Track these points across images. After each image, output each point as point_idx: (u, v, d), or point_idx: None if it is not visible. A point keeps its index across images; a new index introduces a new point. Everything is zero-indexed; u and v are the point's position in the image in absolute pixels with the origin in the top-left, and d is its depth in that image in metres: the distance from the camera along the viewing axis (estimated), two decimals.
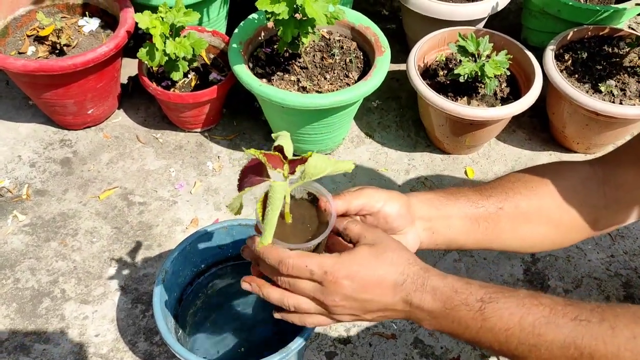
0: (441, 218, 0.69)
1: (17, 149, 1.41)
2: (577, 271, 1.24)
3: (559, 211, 0.72)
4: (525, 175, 0.75)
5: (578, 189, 0.72)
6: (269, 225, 0.56)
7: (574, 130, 1.38)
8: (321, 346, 1.12)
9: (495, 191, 0.72)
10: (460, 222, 0.69)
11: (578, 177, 0.73)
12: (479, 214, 0.70)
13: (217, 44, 1.45)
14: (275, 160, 0.56)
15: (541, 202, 0.71)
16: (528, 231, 0.72)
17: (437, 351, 1.12)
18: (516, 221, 0.71)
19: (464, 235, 0.70)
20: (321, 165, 0.57)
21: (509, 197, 0.71)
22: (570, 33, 1.41)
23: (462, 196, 0.71)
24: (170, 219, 1.30)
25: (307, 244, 0.60)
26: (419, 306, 0.59)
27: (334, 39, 1.39)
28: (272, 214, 0.55)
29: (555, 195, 0.72)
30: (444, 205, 0.70)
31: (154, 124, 1.49)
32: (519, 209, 0.71)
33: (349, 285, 0.58)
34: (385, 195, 0.66)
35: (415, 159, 1.45)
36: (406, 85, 1.61)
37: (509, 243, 0.73)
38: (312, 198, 0.64)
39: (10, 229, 1.26)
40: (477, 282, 0.59)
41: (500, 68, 1.26)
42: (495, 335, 0.57)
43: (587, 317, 0.55)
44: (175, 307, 0.98)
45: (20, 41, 1.36)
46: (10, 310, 1.14)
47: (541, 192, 0.72)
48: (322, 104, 1.19)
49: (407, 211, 0.67)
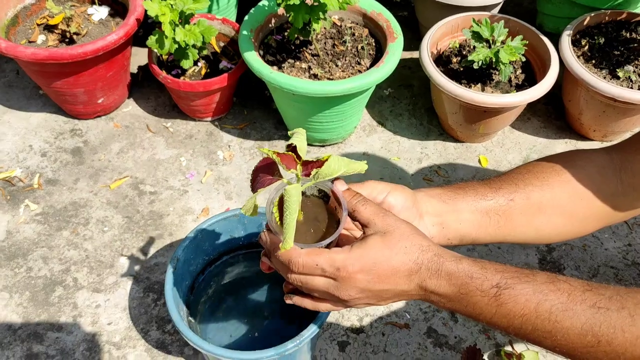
0: (450, 212, 0.67)
1: (29, 139, 1.41)
2: (593, 260, 1.22)
3: (573, 201, 0.70)
4: (536, 166, 0.73)
5: (594, 177, 0.70)
6: (289, 229, 0.55)
7: (591, 117, 1.35)
8: (333, 335, 1.11)
9: (504, 183, 0.71)
10: (471, 215, 0.68)
11: (593, 165, 0.71)
12: (489, 207, 0.68)
13: (227, 32, 1.44)
14: (288, 161, 0.55)
15: (553, 192, 0.70)
16: (542, 222, 0.71)
17: (450, 340, 1.11)
18: (529, 213, 0.70)
19: (475, 229, 0.68)
20: (335, 167, 0.56)
21: (519, 188, 0.70)
22: (587, 18, 1.38)
23: (470, 190, 0.70)
24: (181, 208, 1.29)
25: (318, 244, 0.59)
26: (434, 291, 0.58)
27: (346, 26, 1.37)
28: (291, 218, 0.54)
29: (568, 185, 0.70)
30: (453, 199, 0.68)
31: (164, 113, 1.48)
32: (531, 200, 0.69)
33: (363, 278, 0.58)
34: (389, 187, 0.65)
35: (427, 147, 1.43)
36: (418, 73, 1.59)
37: (524, 235, 0.72)
38: (322, 195, 0.63)
39: (22, 218, 1.26)
40: (493, 266, 0.58)
41: (516, 54, 1.24)
42: (510, 321, 0.57)
43: (606, 305, 0.54)
44: (187, 295, 0.98)
45: (30, 30, 1.36)
46: (24, 299, 1.14)
47: (553, 182, 0.70)
48: (334, 91, 1.17)
49: (412, 204, 0.66)
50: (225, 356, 0.81)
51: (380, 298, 0.60)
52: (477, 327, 1.12)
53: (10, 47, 1.20)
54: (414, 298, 0.61)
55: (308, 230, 0.61)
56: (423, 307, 1.15)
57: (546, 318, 0.55)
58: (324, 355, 1.08)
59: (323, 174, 0.55)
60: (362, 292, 0.58)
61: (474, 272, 0.57)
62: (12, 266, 1.19)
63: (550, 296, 0.55)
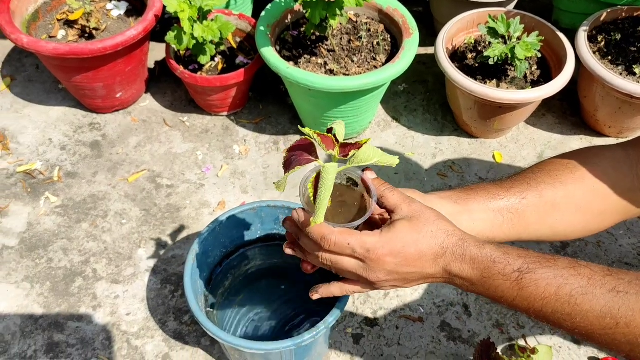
0: (463, 213, 0.69)
1: (48, 132, 1.44)
2: (607, 256, 1.23)
3: (588, 197, 0.71)
4: (549, 165, 0.74)
5: (609, 173, 0.71)
6: (321, 205, 0.57)
7: (606, 114, 1.35)
8: (348, 328, 1.12)
9: (516, 183, 0.71)
10: (484, 215, 0.69)
11: (608, 161, 0.72)
12: (501, 206, 0.69)
13: (244, 28, 1.45)
14: (328, 142, 0.57)
15: (567, 190, 0.70)
16: (557, 220, 0.71)
17: (464, 334, 1.12)
18: (542, 210, 0.70)
19: (489, 228, 0.69)
20: (370, 154, 0.59)
21: (531, 187, 0.71)
22: (604, 14, 1.38)
23: (481, 190, 0.71)
24: (197, 201, 1.31)
25: (349, 224, 0.62)
26: (458, 274, 0.60)
27: (361, 22, 1.38)
28: (325, 195, 0.57)
29: (582, 182, 0.70)
30: (464, 200, 0.69)
31: (181, 108, 1.50)
32: (544, 198, 0.70)
33: (391, 261, 0.60)
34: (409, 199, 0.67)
35: (442, 143, 1.44)
36: (433, 69, 1.59)
37: (539, 233, 0.72)
38: (351, 183, 0.66)
39: (42, 210, 1.29)
40: (516, 251, 0.60)
41: (532, 50, 1.24)
42: (531, 304, 0.58)
43: (625, 289, 0.56)
44: (205, 287, 1.00)
45: (51, 25, 1.38)
46: (44, 289, 1.16)
47: (566, 180, 0.71)
48: (350, 86, 1.18)
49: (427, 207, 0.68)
50: (243, 346, 0.82)
51: (406, 281, 0.62)
52: (490, 321, 1.13)
53: (32, 42, 1.23)
54: (439, 281, 0.63)
55: (338, 213, 0.64)
56: (437, 301, 1.16)
57: (566, 301, 0.57)
58: (338, 347, 1.10)
59: (359, 158, 0.58)
60: (390, 274, 0.61)
61: (497, 257, 0.59)
62: (33, 257, 1.21)
63: (570, 280, 0.57)
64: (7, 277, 1.18)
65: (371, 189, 0.63)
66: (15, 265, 1.20)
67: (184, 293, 1.14)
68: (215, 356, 1.08)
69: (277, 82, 1.48)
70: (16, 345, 1.09)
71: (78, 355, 1.08)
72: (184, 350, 1.09)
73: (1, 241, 1.23)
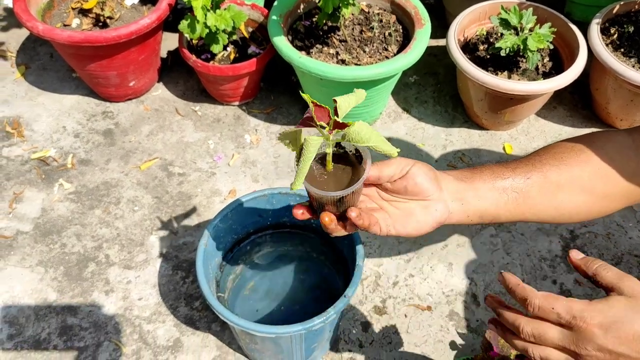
0: (468, 190, 0.69)
1: (62, 120, 1.45)
2: (617, 248, 1.23)
3: (593, 179, 0.71)
4: (555, 147, 0.74)
5: (614, 157, 0.71)
6: (300, 173, 0.58)
7: (618, 107, 1.35)
8: (357, 316, 1.13)
9: (521, 164, 0.72)
10: (489, 192, 0.69)
11: (613, 145, 0.72)
12: (506, 185, 0.70)
13: (256, 18, 1.46)
14: (321, 113, 0.57)
15: (572, 172, 0.71)
16: (562, 200, 0.71)
17: (472, 324, 1.12)
18: (547, 191, 0.70)
19: (494, 205, 0.69)
20: (365, 136, 0.58)
21: (536, 168, 0.71)
22: (617, 6, 1.37)
23: (487, 170, 0.71)
24: (208, 189, 1.32)
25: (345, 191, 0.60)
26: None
27: (373, 12, 1.38)
28: (304, 164, 0.57)
29: (587, 165, 0.70)
30: (470, 179, 0.70)
31: (193, 97, 1.51)
32: (548, 179, 0.70)
33: (602, 335, 0.54)
34: (413, 161, 0.67)
35: (452, 134, 1.44)
36: (444, 61, 1.60)
37: (543, 213, 0.72)
38: (359, 155, 0.65)
39: (56, 196, 1.30)
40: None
41: (544, 41, 1.24)
42: None
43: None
44: (216, 272, 1.01)
45: (65, 14, 1.40)
46: (58, 274, 1.18)
47: (571, 162, 0.71)
48: (361, 76, 1.19)
49: (434, 177, 0.67)
50: (254, 329, 0.84)
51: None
52: None
53: (47, 29, 1.24)
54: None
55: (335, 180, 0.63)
56: (446, 290, 1.17)
57: None
58: (347, 334, 1.11)
59: (352, 137, 0.57)
60: (601, 350, 0.54)
61: None
62: (47, 242, 1.23)
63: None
64: (21, 261, 1.20)
65: (364, 156, 0.62)
66: (30, 250, 1.22)
67: (195, 279, 1.15)
68: (225, 341, 1.10)
69: (288, 72, 1.49)
70: (30, 327, 1.11)
71: (91, 338, 1.10)
72: (194, 335, 1.11)
73: (16, 226, 1.25)
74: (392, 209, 0.68)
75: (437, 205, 0.67)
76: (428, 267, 1.20)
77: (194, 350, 1.09)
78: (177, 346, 1.09)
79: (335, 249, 1.05)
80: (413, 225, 0.67)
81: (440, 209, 0.67)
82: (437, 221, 0.67)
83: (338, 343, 1.10)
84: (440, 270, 1.20)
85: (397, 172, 0.66)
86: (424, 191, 0.66)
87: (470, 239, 1.24)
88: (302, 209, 0.68)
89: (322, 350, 1.06)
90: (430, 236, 1.24)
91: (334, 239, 1.02)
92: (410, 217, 0.67)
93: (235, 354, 1.08)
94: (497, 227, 1.26)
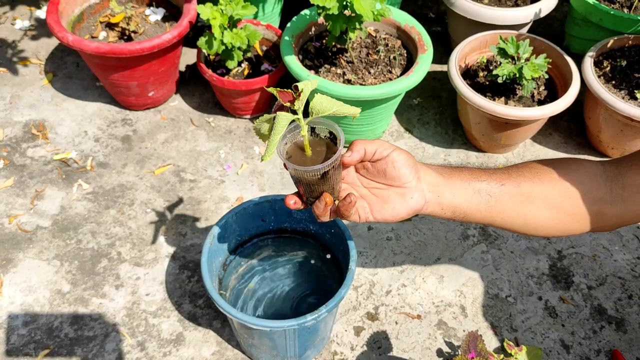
0: (446, 185, 0.74)
1: (84, 125, 1.55)
2: (602, 270, 1.28)
3: (562, 197, 0.75)
4: (532, 164, 0.79)
5: (584, 180, 0.75)
6: (270, 146, 0.64)
7: (609, 136, 1.42)
8: (350, 321, 1.20)
9: (499, 171, 0.77)
10: (464, 191, 0.74)
11: (585, 171, 0.77)
12: (481, 187, 0.75)
13: (270, 37, 1.55)
14: (286, 96, 0.63)
15: (544, 186, 0.75)
16: (530, 211, 0.76)
17: (459, 333, 1.18)
18: (518, 200, 0.75)
19: (467, 203, 0.74)
20: (326, 105, 0.64)
21: (511, 177, 0.76)
22: (611, 41, 1.45)
23: (466, 170, 0.76)
24: (217, 196, 1.40)
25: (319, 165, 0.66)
26: None
27: (380, 37, 1.47)
28: (274, 137, 0.64)
29: (559, 183, 0.75)
30: (449, 174, 0.75)
31: (207, 109, 1.60)
32: (521, 189, 0.75)
33: None
34: (395, 147, 0.73)
35: (451, 155, 1.51)
36: (447, 85, 1.68)
37: (512, 221, 0.77)
38: (333, 137, 0.70)
39: (75, 195, 1.39)
40: None
41: (539, 71, 1.32)
42: None
43: None
44: (219, 270, 1.08)
45: (94, 26, 1.50)
46: (73, 267, 1.26)
47: (545, 178, 0.76)
48: (365, 95, 1.27)
49: (413, 165, 0.72)
50: (250, 322, 0.91)
51: None
52: (485, 322, 1.20)
53: (76, 40, 1.34)
54: None
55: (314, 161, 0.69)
56: (436, 301, 1.23)
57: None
58: (340, 337, 1.17)
59: (316, 109, 0.64)
60: None
61: None
62: (64, 237, 1.31)
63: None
64: (39, 254, 1.28)
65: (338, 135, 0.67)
66: (47, 244, 1.30)
67: (200, 278, 1.23)
68: (225, 338, 1.17)
69: None
70: (44, 316, 1.19)
71: (100, 328, 1.17)
72: (196, 331, 1.18)
73: (36, 221, 1.34)
74: (370, 196, 0.73)
75: (413, 193, 0.72)
76: (420, 278, 1.27)
77: (195, 344, 1.16)
78: (179, 340, 1.16)
79: (331, 254, 1.12)
80: (389, 211, 0.72)
81: (416, 197, 0.72)
82: (413, 209, 0.72)
83: (331, 345, 1.16)
84: (432, 281, 1.26)
85: (380, 150, 0.71)
86: (401, 176, 0.71)
87: (462, 254, 1.31)
88: (294, 198, 0.74)
89: (314, 350, 1.12)
90: (424, 249, 1.31)
91: (331, 245, 1.10)
92: (386, 203, 0.72)
93: (233, 349, 1.15)
94: (489, 244, 1.33)
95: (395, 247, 1.32)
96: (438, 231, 1.35)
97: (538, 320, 1.20)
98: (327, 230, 1.09)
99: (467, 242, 1.33)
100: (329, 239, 1.10)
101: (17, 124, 1.54)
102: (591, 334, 1.19)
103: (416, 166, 0.73)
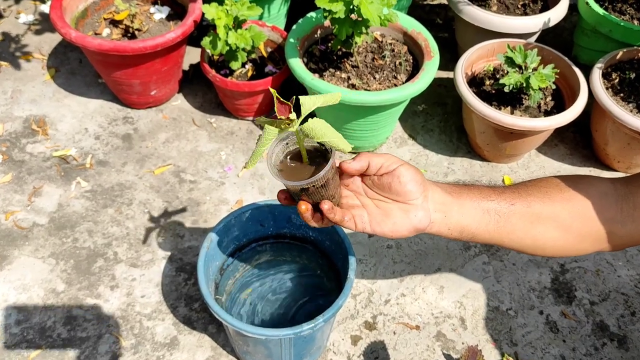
0: (454, 204, 0.71)
1: (85, 122, 1.53)
2: (605, 285, 1.26)
3: (572, 217, 0.73)
4: (542, 181, 0.77)
5: (594, 200, 0.74)
6: (255, 156, 0.64)
7: (616, 149, 1.40)
8: (347, 330, 1.18)
9: (508, 190, 0.75)
10: (473, 211, 0.72)
11: (595, 190, 0.75)
12: (490, 206, 0.73)
13: (275, 39, 1.53)
14: (283, 108, 0.62)
15: (554, 206, 0.74)
16: (539, 232, 0.74)
17: (458, 346, 1.16)
18: (528, 220, 0.73)
19: (475, 223, 0.72)
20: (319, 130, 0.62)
21: (521, 197, 0.74)
22: (620, 53, 1.43)
23: (475, 189, 0.74)
24: (217, 198, 1.39)
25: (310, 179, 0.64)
26: None
27: (386, 42, 1.45)
28: (259, 149, 0.63)
29: (569, 203, 0.74)
30: (457, 193, 0.73)
31: (210, 110, 1.59)
32: (531, 209, 0.73)
33: None
34: (403, 161, 0.70)
35: (455, 163, 1.50)
36: (453, 93, 1.66)
37: (521, 242, 0.75)
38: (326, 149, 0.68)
39: (73, 193, 1.38)
40: None
41: (546, 81, 1.30)
42: None
43: None
44: (216, 275, 1.06)
45: (97, 23, 1.48)
46: (68, 266, 1.25)
47: (555, 197, 0.74)
48: (369, 101, 1.25)
49: (421, 182, 0.70)
50: (245, 330, 0.89)
51: None
52: (485, 336, 1.18)
53: (79, 37, 1.33)
54: None
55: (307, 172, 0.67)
56: (435, 312, 1.21)
57: None
58: (337, 346, 1.15)
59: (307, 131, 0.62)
60: None
61: None
62: (60, 236, 1.30)
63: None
64: (34, 252, 1.27)
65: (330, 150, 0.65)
66: (43, 242, 1.28)
67: (197, 281, 1.21)
68: (220, 343, 1.15)
69: (302, 92, 1.56)
70: (37, 315, 1.17)
71: (93, 329, 1.16)
72: (191, 335, 1.16)
73: (33, 218, 1.32)
74: (372, 207, 0.71)
75: (417, 211, 0.69)
76: (420, 288, 1.25)
77: (190, 349, 1.14)
78: (173, 344, 1.14)
79: (330, 262, 1.10)
80: (389, 226, 0.69)
81: (420, 216, 0.69)
82: (415, 227, 0.70)
83: (327, 353, 1.14)
84: (432, 292, 1.24)
85: (386, 164, 0.69)
86: (407, 193, 0.69)
87: (463, 265, 1.29)
88: (284, 194, 0.72)
89: (311, 359, 1.10)
90: (425, 259, 1.29)
91: (330, 252, 1.08)
92: (388, 217, 0.70)
93: (228, 356, 1.13)
94: (490, 255, 1.31)
95: (395, 256, 1.30)
96: (439, 241, 1.33)
97: (539, 335, 1.18)
98: (327, 237, 1.07)
99: (468, 253, 1.31)
100: (328, 246, 1.08)
101: (18, 119, 1.52)
102: (592, 351, 1.17)
103: (424, 184, 0.70)
